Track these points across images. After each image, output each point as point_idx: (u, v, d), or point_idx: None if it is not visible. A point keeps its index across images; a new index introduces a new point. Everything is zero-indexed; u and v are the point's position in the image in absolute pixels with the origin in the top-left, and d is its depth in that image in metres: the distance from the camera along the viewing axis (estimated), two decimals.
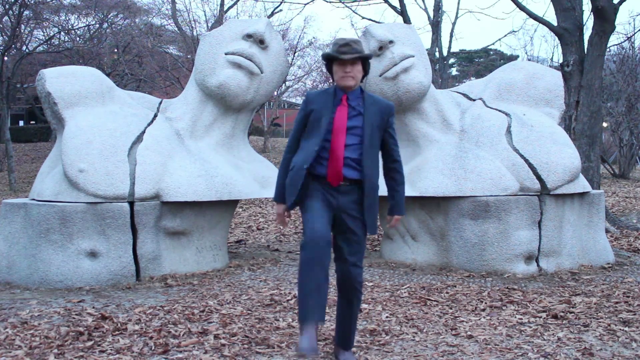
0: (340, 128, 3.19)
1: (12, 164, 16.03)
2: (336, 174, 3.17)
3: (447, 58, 21.21)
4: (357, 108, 3.24)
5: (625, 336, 3.74)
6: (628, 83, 18.12)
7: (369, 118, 3.22)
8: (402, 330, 3.88)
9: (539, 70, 6.54)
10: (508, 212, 5.55)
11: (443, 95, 6.46)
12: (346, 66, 3.21)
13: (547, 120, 6.07)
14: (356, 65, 3.23)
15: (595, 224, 6.08)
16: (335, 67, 3.26)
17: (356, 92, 3.28)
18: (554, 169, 5.64)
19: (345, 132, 3.19)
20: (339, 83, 3.26)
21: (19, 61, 18.58)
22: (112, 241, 5.23)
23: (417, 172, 5.91)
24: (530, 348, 3.54)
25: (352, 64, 3.21)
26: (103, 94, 5.79)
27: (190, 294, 4.85)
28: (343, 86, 3.25)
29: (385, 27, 6.05)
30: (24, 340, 3.61)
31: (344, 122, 3.20)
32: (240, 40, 5.90)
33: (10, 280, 5.37)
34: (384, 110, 3.28)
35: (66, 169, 5.23)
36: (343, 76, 3.22)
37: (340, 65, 3.23)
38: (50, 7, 19.53)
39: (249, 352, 3.46)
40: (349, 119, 3.21)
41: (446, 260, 5.88)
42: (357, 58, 3.21)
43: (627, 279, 5.43)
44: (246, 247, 7.44)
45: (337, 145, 3.17)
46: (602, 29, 8.49)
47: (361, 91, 3.30)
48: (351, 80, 3.22)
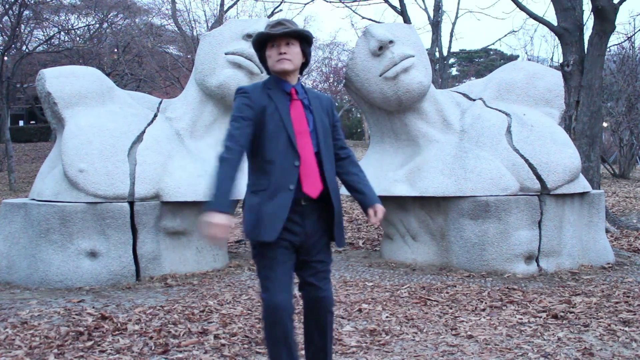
0: (303, 128, 2.65)
1: (12, 164, 16.03)
2: (313, 184, 2.62)
3: (447, 58, 21.21)
4: (306, 104, 2.71)
5: (626, 336, 3.74)
6: (628, 83, 18.12)
7: (318, 115, 2.72)
8: (402, 330, 3.88)
9: (539, 70, 6.54)
10: (508, 212, 5.55)
11: (443, 95, 6.46)
12: (280, 46, 2.65)
13: (547, 120, 6.07)
14: (292, 47, 2.66)
15: (596, 224, 6.08)
16: (268, 51, 2.70)
17: (299, 84, 2.75)
18: (554, 169, 5.64)
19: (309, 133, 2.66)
20: (273, 68, 2.68)
21: (19, 61, 18.59)
22: (112, 241, 5.23)
23: (417, 172, 5.91)
24: (530, 348, 3.54)
25: (288, 44, 2.66)
26: (103, 94, 5.79)
27: (190, 294, 4.85)
28: (278, 70, 2.67)
29: (385, 27, 6.04)
30: (24, 340, 3.61)
31: (303, 120, 2.67)
32: (240, 40, 5.90)
33: (10, 280, 5.37)
34: (327, 104, 2.79)
35: (66, 169, 5.23)
36: (278, 59, 2.65)
37: (273, 47, 2.67)
38: (50, 7, 19.54)
39: (248, 352, 3.46)
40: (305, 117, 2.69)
41: (446, 260, 5.88)
42: (291, 33, 2.64)
43: (627, 279, 5.43)
44: (246, 247, 7.44)
45: (308, 151, 2.64)
46: (602, 29, 8.49)
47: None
48: (288, 64, 2.65)
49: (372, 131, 6.74)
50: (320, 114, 2.72)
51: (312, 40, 2.79)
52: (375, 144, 6.59)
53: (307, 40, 2.73)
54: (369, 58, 5.93)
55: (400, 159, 6.23)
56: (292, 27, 2.65)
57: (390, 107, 6.08)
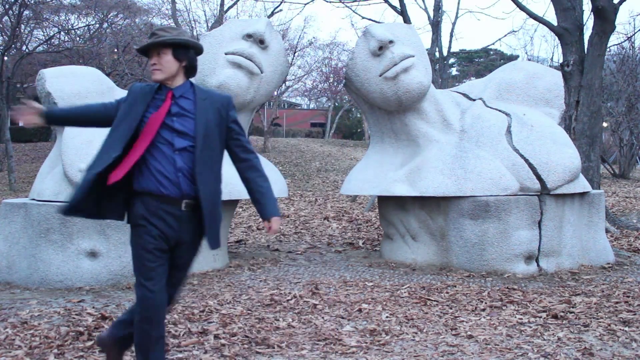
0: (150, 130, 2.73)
1: (12, 164, 16.02)
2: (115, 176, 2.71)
3: (447, 58, 21.19)
4: (185, 106, 2.79)
5: (625, 336, 3.74)
6: (628, 83, 18.13)
7: (201, 116, 2.76)
8: (402, 330, 3.88)
9: (539, 70, 6.55)
10: (508, 212, 5.55)
11: (443, 95, 6.46)
12: (152, 57, 2.79)
13: (547, 120, 6.07)
14: (164, 55, 2.77)
15: (596, 223, 6.08)
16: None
17: (184, 87, 2.83)
18: (554, 169, 5.64)
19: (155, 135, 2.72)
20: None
21: (19, 61, 18.59)
22: (112, 241, 5.23)
23: (417, 172, 5.90)
24: (530, 348, 3.54)
25: (159, 54, 2.77)
26: (103, 94, 5.78)
27: (190, 294, 4.85)
28: (153, 80, 2.83)
29: (385, 27, 6.04)
30: (24, 340, 3.61)
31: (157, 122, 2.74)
32: (240, 40, 5.90)
33: (10, 280, 5.37)
34: (219, 104, 2.83)
35: (66, 169, 5.23)
36: (151, 69, 2.82)
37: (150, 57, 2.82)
38: (50, 7, 19.52)
39: (248, 352, 3.46)
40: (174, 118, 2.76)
41: (446, 260, 5.88)
42: (155, 44, 2.76)
43: (627, 278, 5.43)
44: (246, 247, 7.44)
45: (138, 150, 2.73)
46: (602, 29, 8.49)
47: (191, 85, 2.87)
48: (158, 74, 2.78)
49: (372, 131, 6.74)
50: (205, 114, 2.77)
51: (190, 44, 2.83)
52: (375, 144, 6.59)
53: (181, 46, 2.79)
54: (369, 58, 5.93)
55: (400, 159, 6.22)
56: (160, 38, 2.75)
57: (390, 107, 6.08)
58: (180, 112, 2.78)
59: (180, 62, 2.80)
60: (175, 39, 2.78)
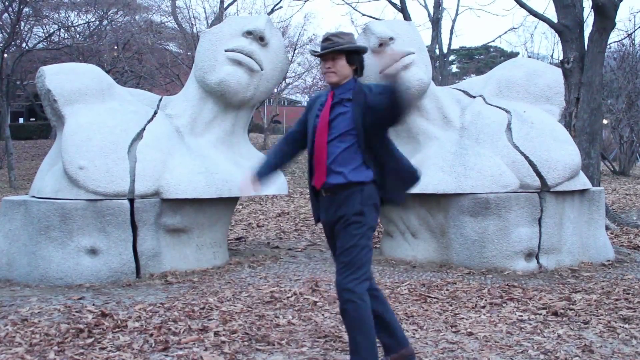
0: (322, 127, 3.01)
1: (12, 162, 16.04)
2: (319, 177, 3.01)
3: (447, 55, 21.21)
4: (345, 103, 3.03)
5: (625, 333, 3.74)
6: (628, 80, 18.12)
7: (356, 109, 2.99)
8: (402, 327, 3.88)
9: (539, 68, 6.54)
10: (508, 209, 5.55)
11: (443, 92, 6.46)
12: (326, 62, 3.06)
13: (547, 117, 6.07)
14: (338, 60, 3.04)
15: (596, 221, 6.08)
16: (320, 64, 3.16)
17: (346, 85, 3.07)
18: (554, 166, 5.64)
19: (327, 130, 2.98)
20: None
21: (18, 58, 18.58)
22: (112, 238, 5.23)
23: None
24: (530, 345, 3.54)
25: (333, 59, 3.04)
26: (103, 91, 5.78)
27: (190, 291, 4.86)
28: (328, 83, 3.12)
29: (386, 24, 6.04)
30: (24, 337, 3.61)
31: (325, 120, 3.01)
32: (240, 37, 5.89)
33: (10, 277, 5.37)
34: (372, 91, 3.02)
35: (66, 166, 5.23)
36: (324, 72, 3.10)
37: (322, 61, 3.10)
38: (50, 4, 19.52)
39: (249, 349, 3.46)
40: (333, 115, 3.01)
41: (446, 258, 5.88)
42: (331, 52, 3.03)
43: (627, 276, 5.43)
44: (246, 244, 7.44)
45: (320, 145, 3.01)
46: (602, 26, 8.47)
47: (354, 82, 3.10)
48: (333, 77, 3.06)
49: None
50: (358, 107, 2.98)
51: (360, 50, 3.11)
52: None
53: (352, 52, 3.06)
54: (369, 55, 5.92)
55: None
56: (336, 44, 3.03)
57: None
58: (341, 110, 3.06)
59: (352, 66, 3.08)
60: (350, 47, 3.05)
